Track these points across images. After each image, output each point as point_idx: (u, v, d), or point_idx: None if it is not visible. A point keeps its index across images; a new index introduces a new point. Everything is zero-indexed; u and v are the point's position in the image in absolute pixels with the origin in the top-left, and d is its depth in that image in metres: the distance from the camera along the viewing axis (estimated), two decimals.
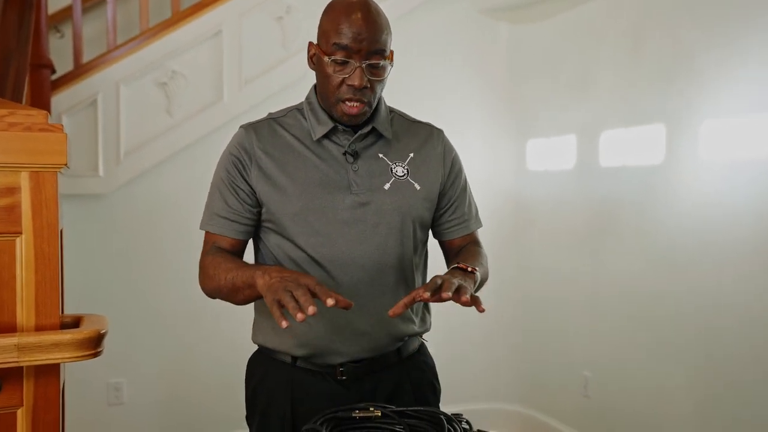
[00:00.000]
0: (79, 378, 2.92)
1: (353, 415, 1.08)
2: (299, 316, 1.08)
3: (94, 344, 1.05)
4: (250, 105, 3.11)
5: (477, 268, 1.33)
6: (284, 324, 1.09)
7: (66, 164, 1.09)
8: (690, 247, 2.59)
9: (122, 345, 3.03)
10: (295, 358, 1.41)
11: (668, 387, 2.71)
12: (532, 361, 3.53)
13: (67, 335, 1.03)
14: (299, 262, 1.38)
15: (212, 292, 1.40)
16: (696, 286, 2.57)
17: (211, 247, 1.43)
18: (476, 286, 1.34)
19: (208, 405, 3.16)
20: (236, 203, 1.40)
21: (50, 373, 1.08)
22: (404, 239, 1.41)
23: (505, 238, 3.47)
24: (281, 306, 1.12)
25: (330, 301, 1.10)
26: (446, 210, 1.51)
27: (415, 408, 1.10)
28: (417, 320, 1.47)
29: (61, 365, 1.13)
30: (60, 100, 2.97)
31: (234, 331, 2.99)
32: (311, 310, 1.08)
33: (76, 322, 1.14)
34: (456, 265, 1.33)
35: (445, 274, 1.28)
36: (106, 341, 1.10)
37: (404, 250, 1.41)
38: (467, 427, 1.09)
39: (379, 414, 1.08)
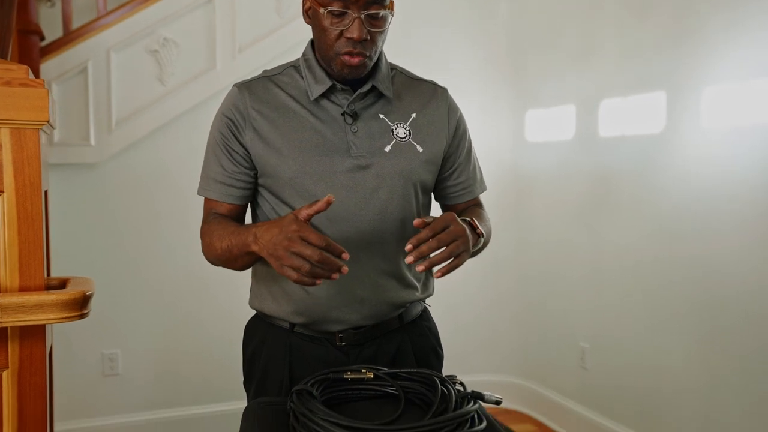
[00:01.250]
0: (73, 349, 2.93)
1: (344, 377, 1.06)
2: (334, 276, 1.11)
3: (79, 305, 1.03)
4: (243, 73, 3.05)
5: (483, 233, 1.32)
6: (318, 282, 1.11)
7: (48, 121, 1.06)
8: (690, 216, 2.56)
9: (116, 316, 3.02)
10: (293, 325, 1.39)
11: (667, 358, 2.70)
12: (529, 333, 3.52)
13: (52, 296, 1.01)
14: None
15: (213, 260, 1.37)
16: (696, 256, 2.55)
17: (209, 214, 1.39)
18: (476, 249, 1.31)
19: (203, 375, 3.16)
20: (232, 166, 1.36)
21: (35, 334, 1.06)
22: (405, 204, 1.36)
23: (503, 210, 3.44)
24: (299, 269, 1.11)
25: (345, 268, 1.12)
26: (450, 174, 1.47)
27: (408, 370, 1.08)
28: (419, 286, 1.44)
29: (48, 327, 1.11)
30: (49, 67, 2.92)
31: (229, 302, 2.99)
32: (345, 269, 1.11)
33: (62, 284, 1.12)
34: (469, 219, 1.29)
35: (455, 223, 1.19)
36: (97, 309, 1.07)
37: (405, 215, 1.36)
38: (461, 388, 1.07)
39: (372, 376, 1.06)
